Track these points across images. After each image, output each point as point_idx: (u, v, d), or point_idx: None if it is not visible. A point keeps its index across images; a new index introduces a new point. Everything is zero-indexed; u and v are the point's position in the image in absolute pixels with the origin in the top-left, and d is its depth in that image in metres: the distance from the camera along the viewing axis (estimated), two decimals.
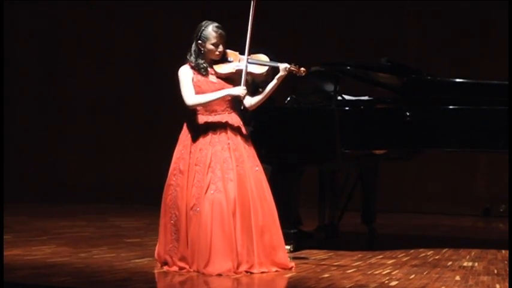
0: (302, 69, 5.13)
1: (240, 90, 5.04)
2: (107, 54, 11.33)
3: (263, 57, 5.22)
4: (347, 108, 6.19)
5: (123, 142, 11.23)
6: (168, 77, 11.31)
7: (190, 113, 5.13)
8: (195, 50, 5.12)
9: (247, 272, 4.91)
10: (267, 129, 6.11)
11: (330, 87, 6.30)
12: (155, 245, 5.65)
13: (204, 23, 5.12)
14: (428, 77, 6.64)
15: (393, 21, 10.44)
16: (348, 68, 6.46)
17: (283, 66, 5.09)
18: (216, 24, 5.11)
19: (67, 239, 6.64)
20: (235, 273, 4.86)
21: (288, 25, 10.62)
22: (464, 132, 6.22)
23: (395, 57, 7.55)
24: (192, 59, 5.12)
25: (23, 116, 11.55)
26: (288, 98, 6.51)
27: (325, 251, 6.09)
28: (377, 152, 6.39)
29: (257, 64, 5.16)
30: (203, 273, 4.85)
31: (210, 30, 5.07)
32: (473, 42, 10.15)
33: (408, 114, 6.14)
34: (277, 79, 5.11)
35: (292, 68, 5.11)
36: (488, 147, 6.35)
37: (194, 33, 5.12)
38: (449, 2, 10.13)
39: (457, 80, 6.52)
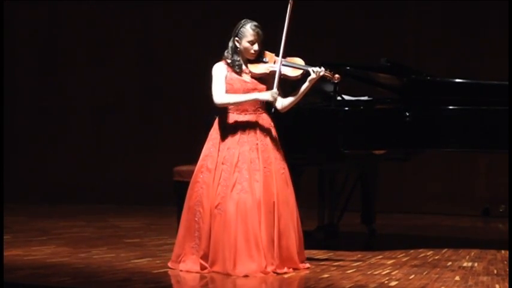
0: (336, 75, 5.16)
1: (269, 94, 5.03)
2: (107, 54, 11.33)
3: (299, 61, 5.22)
4: (347, 108, 6.18)
5: (122, 142, 11.22)
6: (168, 77, 11.37)
7: (222, 111, 5.11)
8: (232, 47, 5.13)
9: (274, 272, 4.88)
10: None
11: (329, 88, 6.28)
12: (155, 245, 5.66)
13: (243, 20, 5.14)
14: (428, 77, 6.63)
15: (393, 21, 10.43)
16: (348, 68, 6.45)
17: (317, 70, 5.10)
18: (255, 23, 5.12)
19: (66, 239, 6.63)
20: (263, 273, 4.83)
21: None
22: (464, 132, 6.20)
23: (395, 57, 7.55)
24: (229, 55, 5.12)
25: (23, 116, 11.55)
26: None
27: (325, 251, 6.09)
28: (377, 152, 6.38)
29: (291, 67, 5.15)
30: (231, 275, 4.81)
31: (248, 27, 5.09)
32: (473, 42, 10.14)
33: (408, 114, 6.14)
34: (309, 81, 5.12)
35: (326, 74, 5.12)
36: (488, 147, 6.34)
37: (233, 31, 5.13)
38: (449, 2, 10.12)
39: (457, 80, 6.50)
